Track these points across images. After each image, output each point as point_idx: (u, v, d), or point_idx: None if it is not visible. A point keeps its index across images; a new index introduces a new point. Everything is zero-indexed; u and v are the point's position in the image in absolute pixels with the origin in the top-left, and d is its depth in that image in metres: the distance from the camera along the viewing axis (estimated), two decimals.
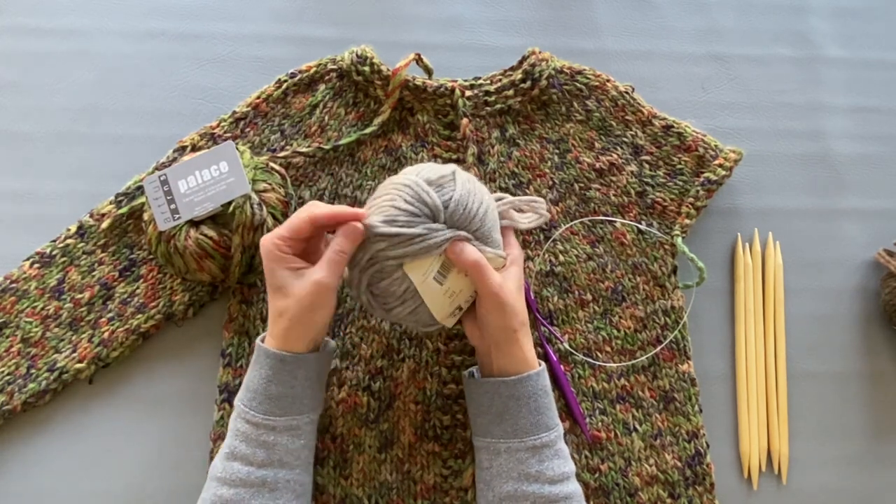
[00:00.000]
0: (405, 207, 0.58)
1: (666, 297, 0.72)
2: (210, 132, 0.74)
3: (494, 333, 0.59)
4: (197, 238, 0.66)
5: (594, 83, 0.77)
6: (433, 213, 0.58)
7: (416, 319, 0.60)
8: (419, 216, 0.58)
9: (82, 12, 0.80)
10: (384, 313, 0.61)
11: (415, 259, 0.57)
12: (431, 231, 0.57)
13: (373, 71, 0.75)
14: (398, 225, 0.57)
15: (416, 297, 0.59)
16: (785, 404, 0.73)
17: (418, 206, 0.58)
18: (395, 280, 0.58)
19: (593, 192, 0.75)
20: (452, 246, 0.58)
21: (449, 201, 0.58)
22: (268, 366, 0.57)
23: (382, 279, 0.58)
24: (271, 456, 0.56)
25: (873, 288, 0.78)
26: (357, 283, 0.60)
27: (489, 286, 0.58)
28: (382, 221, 0.57)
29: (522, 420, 0.59)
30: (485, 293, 0.58)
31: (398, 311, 0.59)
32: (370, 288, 0.59)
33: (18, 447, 0.68)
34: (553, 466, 0.58)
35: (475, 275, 0.58)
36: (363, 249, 0.58)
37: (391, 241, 0.57)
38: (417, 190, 0.58)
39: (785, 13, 0.86)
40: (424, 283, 0.58)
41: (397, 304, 0.59)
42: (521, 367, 0.60)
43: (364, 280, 0.59)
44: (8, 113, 0.77)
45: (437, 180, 0.59)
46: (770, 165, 0.80)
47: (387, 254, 0.57)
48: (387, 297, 0.59)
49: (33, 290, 0.70)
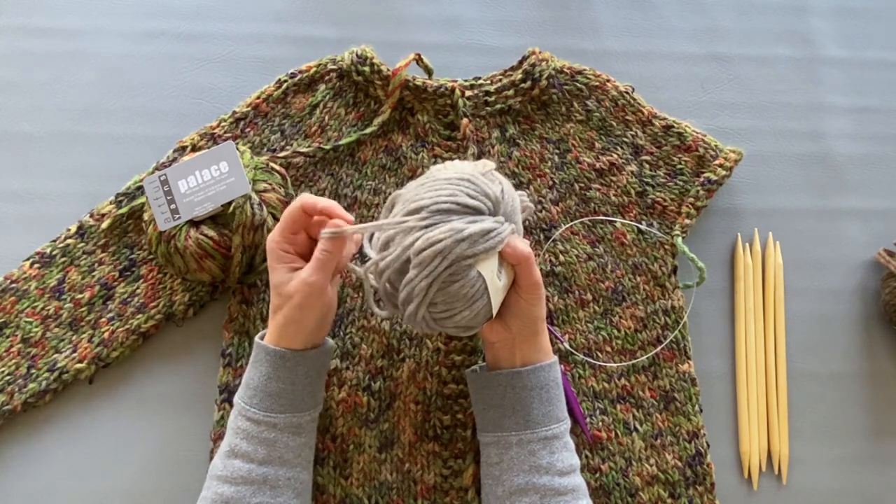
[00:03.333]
0: (471, 204, 0.55)
1: (666, 297, 0.72)
2: (210, 132, 0.74)
3: (528, 325, 0.60)
4: (197, 238, 0.66)
5: (594, 83, 0.77)
6: (494, 206, 0.56)
7: (474, 322, 0.56)
8: (483, 211, 0.55)
9: (82, 12, 0.80)
10: (434, 324, 0.56)
11: (486, 257, 0.55)
12: (499, 225, 0.55)
13: (373, 71, 0.75)
14: (470, 222, 0.54)
15: (484, 297, 0.55)
16: (785, 404, 0.73)
17: (482, 199, 0.55)
18: (468, 281, 0.54)
19: (593, 192, 0.75)
20: (508, 239, 0.56)
21: (502, 194, 0.57)
22: (267, 363, 0.58)
23: (454, 283, 0.54)
24: (272, 453, 0.56)
25: (873, 288, 0.78)
26: (415, 296, 0.54)
27: (536, 277, 0.58)
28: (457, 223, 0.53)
29: (535, 411, 0.59)
30: (531, 284, 0.58)
31: (461, 316, 0.55)
32: (434, 297, 0.54)
33: (18, 447, 0.68)
34: (562, 458, 0.59)
35: (527, 268, 0.57)
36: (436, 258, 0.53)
37: (471, 239, 0.53)
38: (479, 183, 0.56)
39: (785, 13, 0.86)
40: (492, 281, 0.55)
41: (464, 307, 0.55)
42: (543, 356, 0.61)
43: (431, 290, 0.54)
44: (8, 113, 0.77)
45: (486, 174, 0.57)
46: (770, 165, 0.80)
47: (465, 253, 0.53)
48: (454, 301, 0.54)
49: (33, 290, 0.70)
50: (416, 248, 0.53)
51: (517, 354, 0.60)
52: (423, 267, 0.53)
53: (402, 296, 0.55)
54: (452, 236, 0.53)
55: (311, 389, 0.59)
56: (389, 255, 0.55)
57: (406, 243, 0.54)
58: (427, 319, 0.56)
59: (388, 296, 0.57)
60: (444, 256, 0.53)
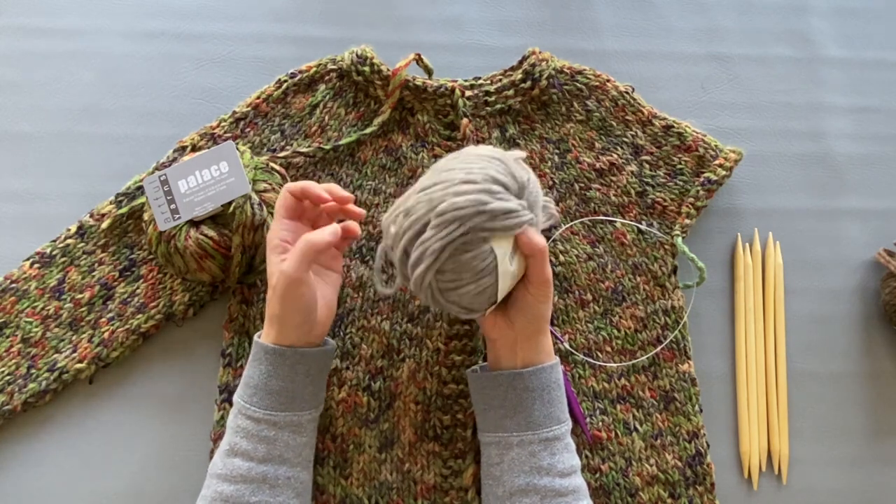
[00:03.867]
0: (502, 180, 0.55)
1: (666, 297, 0.72)
2: (210, 132, 0.74)
3: (532, 323, 0.59)
4: (197, 238, 0.66)
5: (594, 83, 0.77)
6: (519, 191, 0.56)
7: (477, 301, 0.57)
8: (509, 191, 0.56)
9: (82, 12, 0.80)
10: (439, 295, 0.56)
11: (503, 235, 0.55)
12: (521, 209, 0.56)
13: (373, 71, 0.75)
14: (495, 197, 0.54)
15: (492, 275, 0.55)
16: (785, 404, 0.73)
17: (510, 180, 0.56)
18: (480, 254, 0.54)
19: (593, 192, 0.75)
20: (525, 228, 0.56)
21: (528, 182, 0.57)
22: (267, 361, 0.58)
23: (467, 251, 0.54)
24: (272, 451, 0.56)
25: (873, 288, 0.78)
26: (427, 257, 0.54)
27: (547, 273, 0.58)
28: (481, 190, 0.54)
29: (536, 412, 0.59)
30: (542, 280, 0.58)
31: (466, 289, 0.55)
32: (445, 263, 0.55)
33: (18, 447, 0.68)
34: (563, 459, 0.59)
35: (539, 261, 0.57)
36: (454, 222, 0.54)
37: (492, 213, 0.54)
38: (509, 165, 0.56)
39: (785, 13, 0.86)
40: (503, 262, 0.56)
41: (471, 281, 0.55)
42: (545, 357, 0.61)
43: (444, 254, 0.54)
44: (8, 113, 0.77)
45: (517, 160, 0.58)
46: (770, 165, 0.80)
47: (483, 225, 0.54)
48: (463, 272, 0.55)
49: (33, 290, 0.70)
50: (440, 210, 0.54)
51: (518, 354, 0.60)
52: (440, 228, 0.54)
53: (413, 256, 0.55)
54: (475, 206, 0.54)
55: (312, 389, 0.59)
56: (412, 216, 0.55)
57: (431, 205, 0.55)
58: (433, 288, 0.56)
59: (401, 264, 0.57)
60: (462, 222, 0.53)
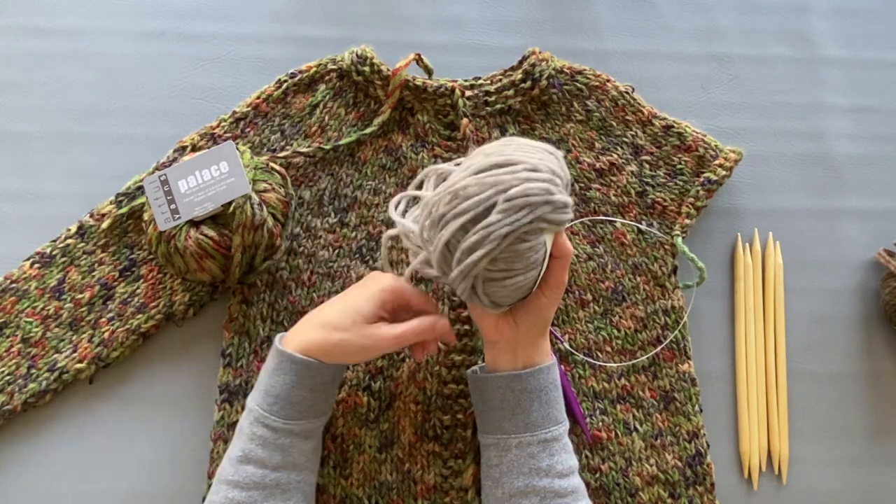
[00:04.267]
0: (560, 173, 0.54)
1: (666, 297, 0.72)
2: (210, 132, 0.74)
3: (538, 325, 0.60)
4: (197, 238, 0.66)
5: (594, 83, 0.77)
6: (565, 187, 0.55)
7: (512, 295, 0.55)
8: (563, 186, 0.54)
9: (82, 12, 0.80)
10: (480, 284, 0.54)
11: (552, 230, 0.54)
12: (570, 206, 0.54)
13: (373, 71, 0.75)
14: (558, 189, 0.53)
15: (538, 269, 0.54)
16: (785, 404, 0.73)
17: (564, 174, 0.54)
18: (535, 245, 0.53)
19: (593, 192, 0.75)
20: None
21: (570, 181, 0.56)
22: (293, 371, 0.57)
23: (525, 241, 0.52)
24: (286, 458, 0.57)
25: (873, 288, 0.78)
26: (489, 241, 0.51)
27: (564, 279, 0.58)
28: (548, 180, 0.52)
29: (534, 414, 0.59)
30: (559, 283, 0.58)
31: (513, 281, 0.53)
32: (504, 250, 0.52)
33: (18, 447, 0.68)
34: (562, 460, 0.59)
35: (564, 264, 0.58)
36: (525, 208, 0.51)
37: (555, 205, 0.52)
38: (560, 160, 0.55)
39: (785, 13, 0.86)
40: (547, 256, 0.55)
41: (520, 272, 0.53)
42: (544, 358, 0.61)
43: (507, 240, 0.51)
44: (8, 113, 0.77)
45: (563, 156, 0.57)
46: (770, 165, 0.80)
47: (547, 216, 0.52)
48: (517, 261, 0.52)
49: (33, 290, 0.70)
50: (511, 194, 0.51)
51: (519, 356, 0.60)
52: (509, 213, 0.51)
53: (470, 240, 0.51)
54: (544, 195, 0.52)
55: (327, 397, 0.60)
56: (471, 198, 0.52)
57: (498, 188, 0.51)
58: (478, 277, 0.53)
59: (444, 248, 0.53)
60: (531, 209, 0.51)
